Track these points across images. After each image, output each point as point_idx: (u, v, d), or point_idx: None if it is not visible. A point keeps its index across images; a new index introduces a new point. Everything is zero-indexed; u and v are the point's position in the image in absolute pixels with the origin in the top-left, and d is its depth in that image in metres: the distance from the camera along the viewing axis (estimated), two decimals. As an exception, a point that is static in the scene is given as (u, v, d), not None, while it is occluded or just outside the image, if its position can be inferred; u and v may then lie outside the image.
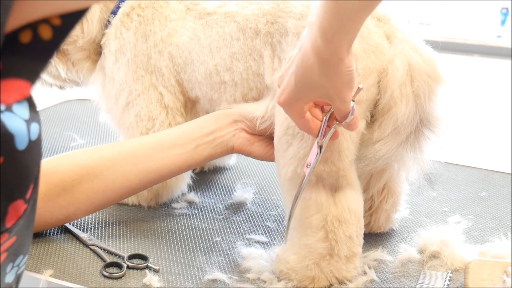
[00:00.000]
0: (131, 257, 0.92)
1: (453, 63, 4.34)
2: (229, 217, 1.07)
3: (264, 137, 0.98)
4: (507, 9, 5.18)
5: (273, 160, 0.94)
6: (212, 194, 1.16)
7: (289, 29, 0.91)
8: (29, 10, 0.43)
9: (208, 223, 1.04)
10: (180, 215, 1.07)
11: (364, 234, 0.89)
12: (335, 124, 0.79)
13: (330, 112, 0.79)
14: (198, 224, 1.03)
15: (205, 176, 1.24)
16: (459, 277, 0.89)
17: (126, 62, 1.07)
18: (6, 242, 0.47)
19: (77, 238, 0.96)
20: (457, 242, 0.95)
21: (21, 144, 0.44)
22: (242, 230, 1.02)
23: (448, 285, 0.87)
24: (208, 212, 1.08)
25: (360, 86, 0.77)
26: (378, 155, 0.85)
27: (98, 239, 0.97)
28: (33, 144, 0.45)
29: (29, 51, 0.45)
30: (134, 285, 0.85)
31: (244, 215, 1.08)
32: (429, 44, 0.88)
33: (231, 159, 1.27)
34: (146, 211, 1.08)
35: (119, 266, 0.89)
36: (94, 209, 0.96)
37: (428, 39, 0.89)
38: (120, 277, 0.86)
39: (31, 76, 0.45)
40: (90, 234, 0.98)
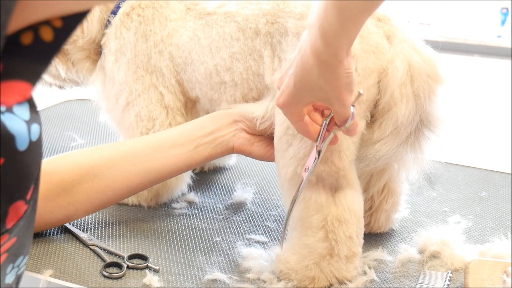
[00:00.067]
0: (131, 257, 0.92)
1: (453, 63, 4.34)
2: (229, 217, 1.07)
3: (264, 137, 0.98)
4: (507, 9, 5.18)
5: (273, 160, 0.94)
6: (212, 194, 1.16)
7: (289, 29, 0.90)
8: (30, 11, 0.43)
9: (208, 223, 1.04)
10: (180, 215, 1.07)
11: (364, 234, 0.89)
12: (335, 129, 0.78)
13: (330, 116, 0.79)
14: (198, 224, 1.03)
15: (205, 176, 1.24)
16: (459, 277, 0.89)
17: (126, 62, 1.07)
18: (6, 243, 0.47)
19: (77, 238, 0.96)
20: (457, 242, 0.95)
21: (21, 145, 0.44)
22: (242, 230, 1.02)
23: (448, 285, 0.87)
24: (208, 212, 1.08)
25: (361, 91, 0.77)
26: (378, 155, 0.85)
27: (98, 239, 0.97)
28: (34, 145, 0.45)
29: (30, 53, 0.45)
30: (134, 285, 0.85)
31: (244, 215, 1.08)
32: (429, 44, 0.88)
33: (231, 159, 1.27)
34: (146, 211, 1.08)
35: (119, 266, 0.89)
36: (94, 209, 0.96)
37: (428, 39, 0.89)
38: (120, 277, 0.86)
39: (32, 78, 0.45)
40: (90, 234, 0.98)
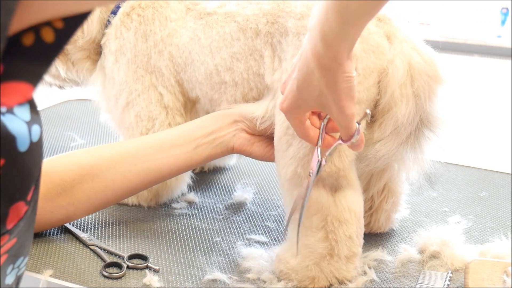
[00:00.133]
0: (131, 257, 0.91)
1: (453, 63, 4.34)
2: (229, 217, 1.07)
3: (264, 138, 0.98)
4: (507, 9, 5.18)
5: (273, 160, 0.94)
6: (212, 194, 1.16)
7: (289, 29, 0.90)
8: (32, 13, 0.43)
9: (208, 223, 1.04)
10: (180, 215, 1.07)
11: (364, 234, 0.89)
12: (339, 141, 0.78)
13: (327, 118, 0.79)
14: (198, 224, 1.03)
15: (205, 176, 1.24)
16: (459, 277, 0.89)
17: (126, 62, 1.07)
18: (6, 244, 0.47)
19: (77, 238, 0.96)
20: (457, 242, 0.95)
21: (22, 146, 0.44)
22: (242, 230, 1.02)
23: (448, 285, 0.87)
24: (208, 212, 1.08)
25: (368, 112, 0.76)
26: (379, 155, 0.85)
27: (98, 239, 0.97)
28: (34, 145, 0.45)
29: (31, 54, 0.45)
30: (134, 285, 0.85)
31: (244, 215, 1.08)
32: (429, 44, 0.88)
33: (232, 159, 1.27)
34: (146, 211, 1.08)
35: (119, 266, 0.89)
36: (94, 209, 0.96)
37: (428, 39, 0.89)
38: (120, 277, 0.86)
39: (33, 79, 0.45)
40: (90, 234, 0.98)
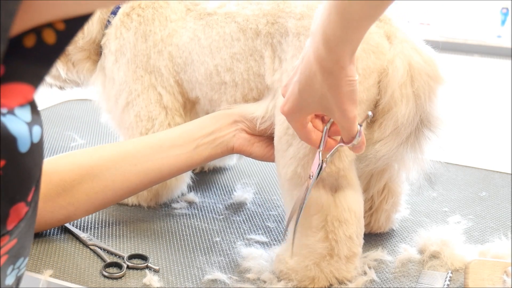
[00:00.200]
0: (131, 257, 0.91)
1: (453, 63, 4.34)
2: (229, 217, 1.07)
3: (264, 138, 0.98)
4: (507, 9, 5.18)
5: (273, 160, 0.94)
6: (212, 194, 1.16)
7: (290, 29, 0.90)
8: (34, 14, 0.43)
9: (208, 223, 1.04)
10: (180, 215, 1.07)
11: (364, 234, 0.89)
12: (341, 143, 0.78)
13: (330, 122, 0.79)
14: (198, 224, 1.03)
15: (205, 176, 1.24)
16: (459, 277, 0.89)
17: (126, 62, 1.07)
18: (7, 245, 0.47)
19: (77, 238, 0.96)
20: (457, 242, 0.95)
21: (23, 147, 0.44)
22: (242, 230, 1.02)
23: (448, 285, 0.87)
24: (208, 212, 1.08)
25: (369, 114, 0.76)
26: (379, 155, 0.85)
27: (98, 239, 0.97)
28: (35, 146, 0.46)
29: (33, 55, 0.45)
30: (134, 285, 0.85)
31: (244, 215, 1.08)
32: (429, 44, 0.88)
33: (232, 160, 1.27)
34: (146, 211, 1.08)
35: (119, 266, 0.89)
36: (94, 209, 0.96)
37: (428, 39, 0.89)
38: (120, 277, 0.86)
39: (34, 81, 0.45)
40: (90, 234, 0.98)
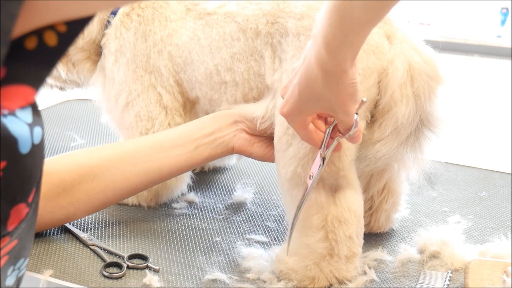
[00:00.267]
0: (131, 257, 0.92)
1: (453, 63, 4.34)
2: (229, 217, 1.07)
3: (264, 138, 0.98)
4: (507, 9, 5.18)
5: (273, 160, 0.94)
6: (212, 194, 1.16)
7: (289, 29, 0.90)
8: (35, 16, 0.43)
9: (208, 223, 1.04)
10: (180, 215, 1.07)
11: (364, 234, 0.89)
12: (338, 136, 0.79)
13: (334, 123, 0.79)
14: (198, 224, 1.03)
15: (205, 176, 1.24)
16: (459, 277, 0.89)
17: (125, 62, 1.07)
18: (7, 246, 0.47)
19: (77, 238, 0.96)
20: (457, 242, 0.95)
21: (24, 148, 0.44)
22: (242, 230, 1.02)
23: (448, 285, 0.87)
24: (208, 212, 1.08)
25: (364, 99, 0.77)
26: (378, 155, 0.85)
27: (98, 239, 0.97)
28: (36, 148, 0.46)
29: (34, 58, 0.44)
30: (134, 285, 0.85)
31: (244, 215, 1.08)
32: (429, 44, 0.88)
33: (232, 160, 1.27)
34: (146, 211, 1.08)
35: (119, 266, 0.89)
36: (94, 209, 0.96)
37: (428, 39, 0.89)
38: (120, 277, 0.86)
39: (35, 83, 0.45)
40: (90, 234, 0.98)
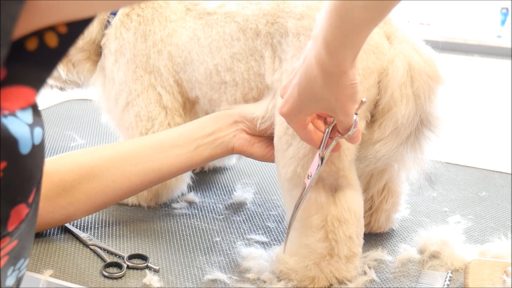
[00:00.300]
0: (131, 257, 0.92)
1: (453, 63, 4.34)
2: (229, 217, 1.07)
3: (265, 138, 0.98)
4: (507, 9, 5.18)
5: (273, 161, 0.94)
6: (212, 194, 1.16)
7: (289, 29, 0.90)
8: (36, 17, 0.43)
9: (208, 223, 1.04)
10: (180, 215, 1.07)
11: (364, 234, 0.89)
12: (337, 137, 0.79)
13: (333, 124, 0.79)
14: (198, 224, 1.03)
15: (205, 176, 1.24)
16: (459, 277, 0.89)
17: (125, 62, 1.07)
18: (7, 246, 0.47)
19: (77, 238, 0.96)
20: (457, 242, 0.95)
21: (24, 149, 0.44)
22: (242, 230, 1.02)
23: (448, 285, 0.87)
24: (208, 212, 1.08)
25: (363, 100, 0.77)
26: (378, 155, 0.85)
27: (98, 239, 0.97)
28: (37, 148, 0.46)
29: (35, 59, 0.44)
30: (134, 285, 0.85)
31: (244, 215, 1.08)
32: (429, 44, 0.88)
33: (232, 160, 1.27)
34: (146, 211, 1.08)
35: (119, 266, 0.89)
36: (94, 209, 0.96)
37: (428, 39, 0.89)
38: (120, 277, 0.86)
39: (36, 84, 0.45)
40: (90, 234, 0.98)
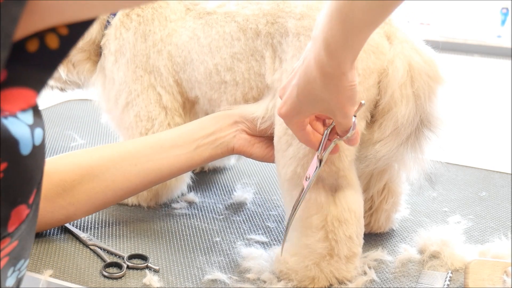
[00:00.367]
0: (131, 257, 0.92)
1: (453, 63, 4.34)
2: (229, 217, 1.07)
3: (265, 138, 0.98)
4: (507, 9, 5.18)
5: (273, 161, 0.94)
6: (212, 194, 1.16)
7: (289, 30, 0.90)
8: (37, 19, 0.43)
9: (208, 223, 1.04)
10: (180, 215, 1.07)
11: (364, 234, 0.89)
12: (336, 138, 0.78)
13: (332, 125, 0.79)
14: (198, 224, 1.03)
15: (205, 176, 1.24)
16: (459, 277, 0.89)
17: (125, 62, 1.07)
18: (7, 247, 0.47)
19: (77, 238, 0.96)
20: (457, 242, 0.95)
21: (25, 149, 0.44)
22: (242, 230, 1.02)
23: (448, 285, 0.87)
24: (208, 212, 1.08)
25: (363, 102, 0.77)
26: (378, 155, 0.85)
27: (98, 239, 0.97)
28: (37, 149, 0.46)
29: (35, 60, 0.44)
30: (134, 285, 0.85)
31: (244, 215, 1.08)
32: (429, 44, 0.87)
33: (230, 160, 1.27)
34: (146, 211, 1.08)
35: (119, 266, 0.89)
36: (95, 209, 0.96)
37: (428, 39, 0.89)
38: (120, 277, 0.86)
39: (37, 85, 0.45)
40: (90, 234, 0.98)
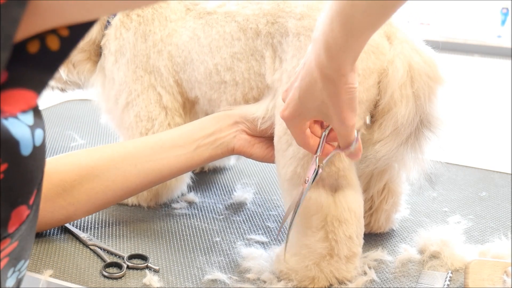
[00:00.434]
0: (131, 257, 0.92)
1: (453, 63, 4.34)
2: (229, 217, 1.07)
3: (265, 139, 0.98)
4: (507, 9, 5.18)
5: (273, 161, 0.94)
6: (212, 194, 1.16)
7: (290, 29, 0.90)
8: (38, 20, 0.43)
9: (208, 223, 1.04)
10: (180, 215, 1.07)
11: (364, 234, 0.89)
12: (338, 149, 0.78)
13: (329, 127, 0.78)
14: (198, 224, 1.03)
15: (205, 176, 1.24)
16: (459, 277, 0.89)
17: (125, 62, 1.07)
18: (7, 248, 0.47)
19: (77, 238, 0.96)
20: (457, 242, 0.95)
21: (25, 150, 0.44)
22: (242, 230, 1.02)
23: (448, 285, 0.87)
24: (208, 212, 1.08)
25: (368, 122, 0.76)
26: (378, 156, 0.85)
27: (98, 239, 0.97)
28: (37, 150, 0.46)
29: (36, 62, 0.44)
30: (134, 285, 0.85)
31: (244, 215, 1.08)
32: (429, 44, 0.87)
33: (231, 160, 1.27)
34: (146, 211, 1.08)
35: (119, 266, 0.89)
36: (95, 209, 0.96)
37: (428, 39, 0.89)
38: (120, 277, 0.86)
39: (37, 87, 0.45)
40: (90, 234, 0.98)
